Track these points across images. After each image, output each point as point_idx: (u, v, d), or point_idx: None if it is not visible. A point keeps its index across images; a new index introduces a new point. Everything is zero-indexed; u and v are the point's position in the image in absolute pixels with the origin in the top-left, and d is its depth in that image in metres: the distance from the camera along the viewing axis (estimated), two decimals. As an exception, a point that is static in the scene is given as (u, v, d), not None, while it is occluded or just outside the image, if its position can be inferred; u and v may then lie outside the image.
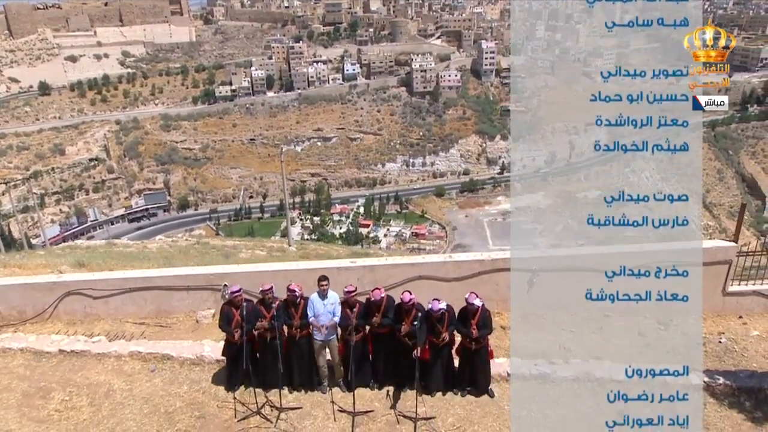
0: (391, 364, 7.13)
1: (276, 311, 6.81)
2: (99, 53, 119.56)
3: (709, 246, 9.70)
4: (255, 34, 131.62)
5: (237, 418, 6.65)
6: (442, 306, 6.74)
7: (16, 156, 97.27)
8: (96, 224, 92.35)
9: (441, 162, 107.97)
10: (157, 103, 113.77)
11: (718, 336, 9.01)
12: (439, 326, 6.75)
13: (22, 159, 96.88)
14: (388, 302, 6.86)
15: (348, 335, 6.69)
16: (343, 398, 6.97)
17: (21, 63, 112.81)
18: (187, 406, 6.85)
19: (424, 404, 6.64)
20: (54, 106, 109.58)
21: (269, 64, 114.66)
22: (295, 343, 7.04)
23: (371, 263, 9.88)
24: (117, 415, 6.72)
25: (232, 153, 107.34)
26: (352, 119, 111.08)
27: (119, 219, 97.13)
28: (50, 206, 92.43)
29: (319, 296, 6.96)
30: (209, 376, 7.43)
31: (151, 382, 7.30)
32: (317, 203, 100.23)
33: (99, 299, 9.83)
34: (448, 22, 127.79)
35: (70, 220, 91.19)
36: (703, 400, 6.83)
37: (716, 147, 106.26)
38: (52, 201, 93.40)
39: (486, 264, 9.47)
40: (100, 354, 7.80)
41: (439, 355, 6.98)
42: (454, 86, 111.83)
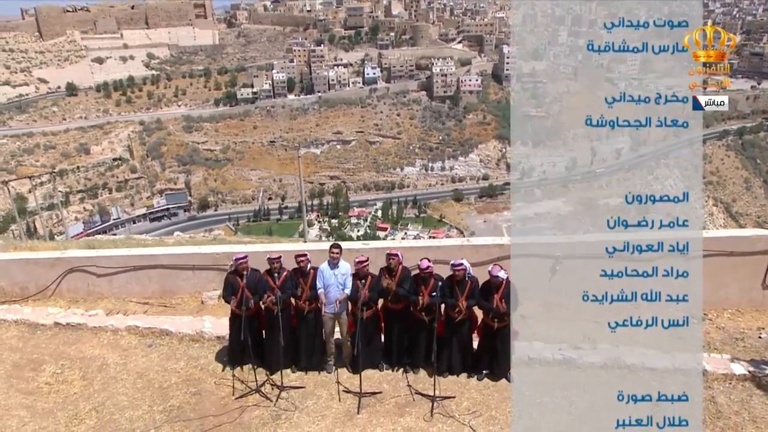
0: (405, 343, 6.58)
1: (283, 282, 6.35)
2: (125, 55, 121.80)
3: (748, 234, 8.98)
4: (277, 37, 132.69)
5: (235, 395, 6.19)
6: (465, 263, 6.16)
7: (43, 155, 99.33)
8: (118, 223, 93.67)
9: (460, 166, 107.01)
10: (180, 105, 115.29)
11: (758, 331, 8.28)
12: (458, 291, 6.14)
13: (48, 158, 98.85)
14: (403, 272, 6.33)
15: (358, 310, 6.18)
16: (350, 378, 6.47)
17: (50, 64, 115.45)
18: (183, 382, 6.42)
19: (438, 386, 6.09)
20: (80, 107, 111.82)
21: (290, 67, 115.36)
22: (303, 317, 6.55)
23: (384, 245, 9.41)
24: (108, 389, 6.32)
25: (252, 155, 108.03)
26: (372, 123, 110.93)
27: (141, 218, 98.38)
28: (74, 204, 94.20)
29: (330, 266, 6.45)
30: (209, 353, 7.01)
31: (147, 357, 6.91)
32: (335, 206, 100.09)
33: (102, 277, 9.52)
34: (470, 27, 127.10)
35: (93, 218, 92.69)
36: (749, 391, 6.16)
37: (744, 155, 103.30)
38: (76, 199, 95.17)
39: (506, 249, 8.90)
40: (97, 328, 7.44)
41: (457, 331, 6.37)
42: (475, 91, 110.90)
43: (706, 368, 6.35)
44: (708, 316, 8.63)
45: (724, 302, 8.73)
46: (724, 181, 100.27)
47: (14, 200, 57.21)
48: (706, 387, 6.12)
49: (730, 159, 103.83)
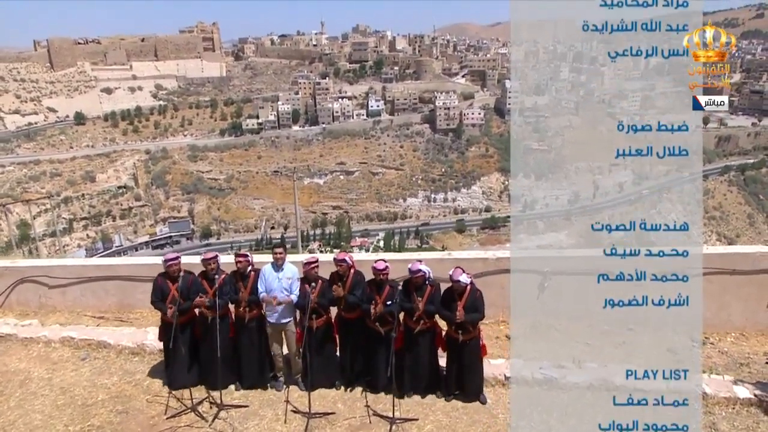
0: (362, 357, 5.81)
1: (220, 286, 5.64)
2: (133, 86, 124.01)
3: (751, 251, 8.25)
4: (283, 70, 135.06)
5: (167, 415, 5.43)
6: (424, 268, 5.43)
7: (49, 182, 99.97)
8: (120, 250, 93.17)
9: (462, 198, 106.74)
10: (186, 134, 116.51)
11: (764, 356, 7.49)
12: (416, 297, 5.38)
13: (54, 185, 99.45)
14: (355, 276, 5.62)
15: (306, 318, 5.45)
16: (302, 397, 5.68)
17: (59, 94, 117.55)
18: (111, 399, 5.66)
19: (399, 407, 5.32)
20: (88, 135, 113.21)
21: (296, 99, 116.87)
22: (243, 326, 5.79)
23: (359, 258, 8.74)
24: (24, 406, 5.57)
25: (256, 184, 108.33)
26: (375, 154, 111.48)
27: (143, 245, 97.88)
28: (78, 231, 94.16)
29: (273, 268, 5.72)
30: (147, 367, 6.26)
31: (77, 371, 6.17)
32: (338, 235, 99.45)
33: (55, 288, 8.87)
34: (473, 62, 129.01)
35: (96, 245, 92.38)
36: (755, 418, 5.34)
37: (746, 191, 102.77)
38: (80, 226, 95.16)
39: (490, 263, 8.19)
40: (28, 339, 6.75)
41: (417, 343, 5.58)
42: (477, 124, 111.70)
43: (706, 391, 5.56)
44: (710, 340, 7.87)
45: (727, 324, 7.98)
46: (727, 216, 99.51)
47: (17, 226, 56.89)
48: (705, 412, 5.33)
49: (732, 194, 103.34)
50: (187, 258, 8.35)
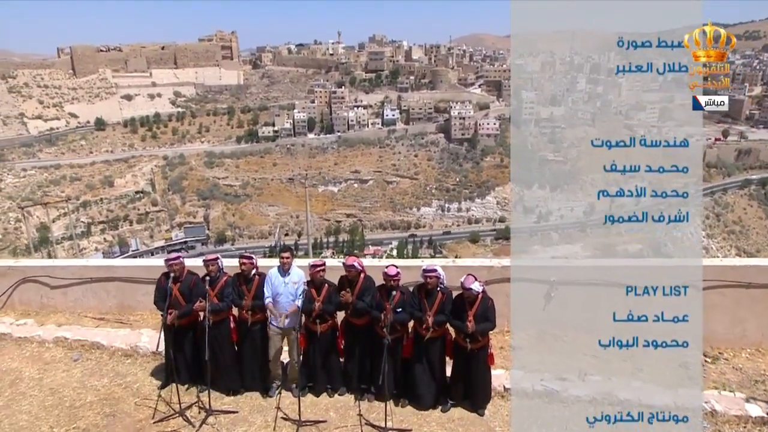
0: (368, 365, 5.62)
1: (221, 288, 5.53)
2: (153, 93, 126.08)
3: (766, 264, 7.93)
4: (300, 78, 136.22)
5: (154, 419, 5.30)
6: (439, 270, 5.25)
7: (69, 186, 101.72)
8: (137, 254, 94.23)
9: (477, 208, 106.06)
10: (203, 141, 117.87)
11: (781, 375, 7.13)
12: (426, 307, 5.18)
13: (74, 189, 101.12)
14: (365, 282, 5.45)
15: (311, 323, 5.29)
16: (293, 404, 5.50)
17: (81, 100, 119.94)
18: (99, 402, 5.56)
19: (392, 416, 5.13)
20: (107, 141, 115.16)
21: (311, 107, 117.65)
22: (247, 330, 5.66)
23: (364, 264, 8.59)
24: (12, 406, 5.50)
25: (271, 191, 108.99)
26: (390, 163, 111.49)
27: (159, 250, 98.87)
28: (96, 234, 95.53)
29: (280, 272, 5.59)
30: (139, 370, 6.17)
31: (68, 372, 6.09)
32: (351, 244, 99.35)
33: (57, 288, 8.86)
34: (489, 72, 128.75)
35: (113, 248, 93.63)
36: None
37: (767, 206, 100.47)
38: (97, 230, 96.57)
39: (495, 271, 7.97)
40: (22, 338, 6.70)
41: (426, 352, 5.37)
42: (493, 134, 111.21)
43: (716, 408, 5.28)
44: (723, 355, 7.54)
45: (742, 340, 7.66)
46: (747, 231, 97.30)
47: (37, 229, 57.77)
48: (715, 431, 5.05)
49: (752, 209, 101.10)
50: (192, 261, 8.31)
